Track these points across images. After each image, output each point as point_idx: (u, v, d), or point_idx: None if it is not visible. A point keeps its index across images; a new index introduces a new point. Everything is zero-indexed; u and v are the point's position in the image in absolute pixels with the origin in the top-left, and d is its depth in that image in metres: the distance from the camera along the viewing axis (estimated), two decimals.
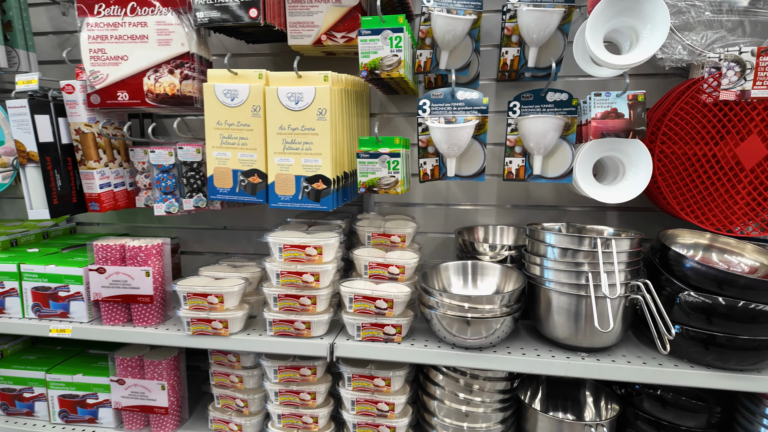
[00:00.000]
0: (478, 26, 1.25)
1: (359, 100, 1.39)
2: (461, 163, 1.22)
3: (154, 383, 1.37)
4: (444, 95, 1.16)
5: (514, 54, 1.27)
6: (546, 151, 1.22)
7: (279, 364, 1.27)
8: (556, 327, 1.12)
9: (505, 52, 1.27)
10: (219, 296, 1.22)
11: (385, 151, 1.15)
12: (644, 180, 1.08)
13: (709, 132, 1.10)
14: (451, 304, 1.09)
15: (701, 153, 1.11)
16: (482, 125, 1.17)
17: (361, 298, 1.17)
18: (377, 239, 1.36)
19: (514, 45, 1.26)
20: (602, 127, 1.08)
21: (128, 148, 1.42)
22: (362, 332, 1.18)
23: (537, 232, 1.14)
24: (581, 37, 1.12)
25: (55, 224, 1.79)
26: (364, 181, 1.19)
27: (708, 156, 1.11)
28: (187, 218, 1.76)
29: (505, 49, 1.26)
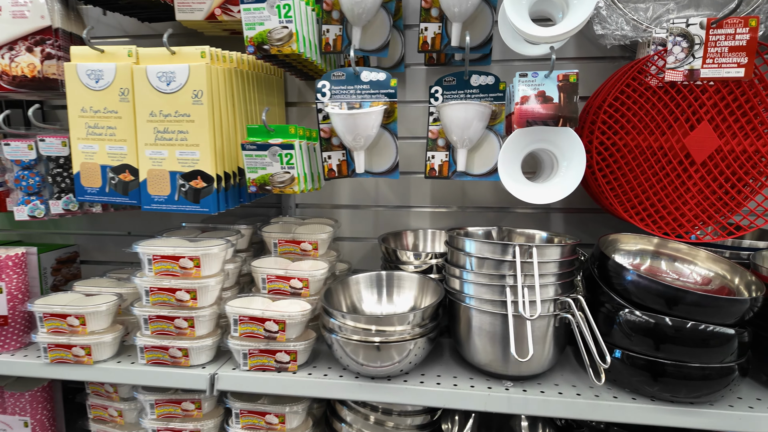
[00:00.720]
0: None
1: (267, 85, 1.19)
2: (371, 158, 1.03)
3: (16, 419, 1.15)
4: (347, 76, 0.97)
5: (435, 31, 1.09)
6: (471, 144, 1.04)
7: (156, 398, 1.07)
8: (478, 351, 0.94)
9: (424, 29, 1.09)
10: (80, 317, 1.02)
11: (276, 142, 0.96)
12: (577, 176, 0.90)
13: (654, 120, 0.94)
14: (355, 327, 0.90)
15: (645, 144, 0.95)
16: (391, 112, 0.98)
17: (247, 319, 0.97)
18: (285, 247, 1.17)
19: (435, 20, 1.08)
20: (527, 113, 0.91)
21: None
22: (250, 360, 0.98)
23: (455, 238, 0.96)
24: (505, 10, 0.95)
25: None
26: (253, 178, 0.99)
27: (653, 148, 0.94)
28: (88, 222, 1.55)
29: (423, 25, 1.09)
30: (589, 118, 1.00)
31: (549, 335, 0.90)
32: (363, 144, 0.99)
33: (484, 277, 0.90)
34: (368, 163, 1.03)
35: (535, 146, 0.95)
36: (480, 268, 0.90)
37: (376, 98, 0.97)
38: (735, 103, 0.90)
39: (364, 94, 0.97)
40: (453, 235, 0.97)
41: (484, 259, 0.89)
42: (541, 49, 1.04)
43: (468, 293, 0.93)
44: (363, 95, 0.97)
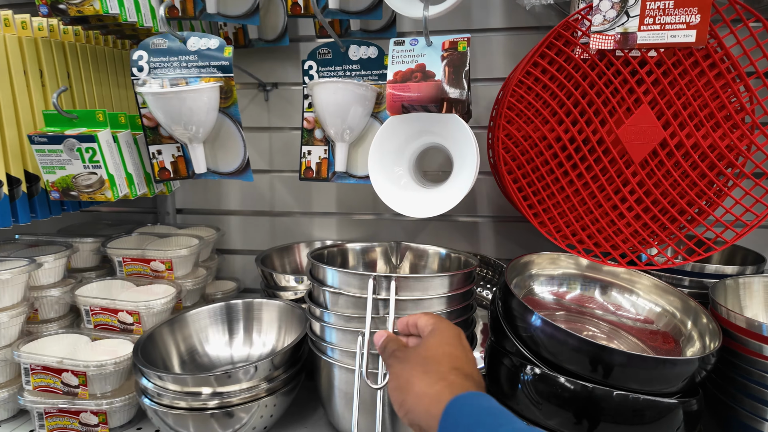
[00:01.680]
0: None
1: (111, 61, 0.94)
2: (215, 153, 0.79)
3: None
4: (170, 45, 0.73)
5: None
6: (352, 137, 0.80)
7: None
8: (340, 418, 0.70)
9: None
10: None
11: (73, 134, 0.71)
12: (466, 181, 0.66)
13: (577, 103, 0.69)
14: (180, 391, 0.66)
15: (568, 137, 0.70)
16: (229, 92, 0.74)
17: (41, 369, 0.73)
18: (132, 266, 0.93)
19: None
20: (401, 95, 0.66)
21: None
22: (47, 422, 0.74)
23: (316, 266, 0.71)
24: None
25: None
26: (52, 181, 0.75)
27: (577, 142, 0.70)
28: None
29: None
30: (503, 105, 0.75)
31: None
32: (194, 135, 0.74)
33: (341, 319, 0.66)
34: (211, 160, 0.79)
35: (421, 140, 0.71)
36: (335, 306, 0.66)
37: (207, 73, 0.72)
38: (685, 79, 0.65)
39: (191, 67, 0.72)
40: (314, 261, 0.72)
41: (339, 295, 0.65)
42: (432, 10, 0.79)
43: (329, 341, 0.68)
44: (190, 68, 0.72)
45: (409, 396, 0.45)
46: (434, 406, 0.42)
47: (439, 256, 0.80)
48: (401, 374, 0.47)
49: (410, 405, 0.44)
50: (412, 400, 0.44)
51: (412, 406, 0.44)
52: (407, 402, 0.44)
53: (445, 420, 0.41)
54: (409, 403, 0.44)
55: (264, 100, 1.09)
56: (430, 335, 0.50)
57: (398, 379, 0.47)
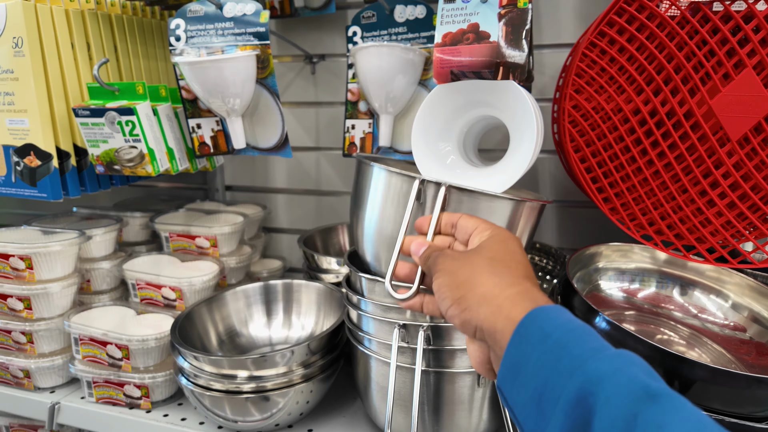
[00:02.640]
0: None
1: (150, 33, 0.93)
2: (254, 127, 0.75)
3: None
4: (206, 12, 0.69)
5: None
6: (398, 107, 0.74)
7: (11, 420, 0.89)
8: (376, 412, 0.66)
9: None
10: None
11: (113, 107, 0.70)
12: (523, 159, 0.57)
13: (661, 69, 0.58)
14: (216, 373, 0.65)
15: (648, 108, 0.59)
16: (266, 61, 0.69)
17: (89, 340, 0.75)
18: (179, 242, 0.93)
19: None
20: (450, 59, 0.59)
21: None
22: (95, 391, 0.76)
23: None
24: None
25: None
26: (97, 155, 0.75)
27: (660, 114, 0.59)
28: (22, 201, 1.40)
29: None
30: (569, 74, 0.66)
31: (476, 399, 0.60)
32: (232, 107, 0.71)
33: (378, 309, 0.61)
34: (250, 134, 0.75)
35: (472, 112, 0.63)
36: (371, 294, 0.61)
37: (243, 41, 0.68)
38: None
39: (227, 35, 0.68)
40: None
41: (375, 282, 0.60)
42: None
43: (366, 330, 0.64)
44: (226, 36, 0.68)
45: (471, 294, 0.38)
46: (510, 309, 0.36)
47: None
48: (459, 270, 0.40)
49: (471, 303, 0.38)
50: (474, 299, 0.38)
51: (472, 305, 0.37)
52: (467, 299, 0.38)
53: (526, 328, 0.34)
54: (469, 300, 0.38)
55: (311, 73, 1.04)
56: (492, 239, 0.43)
57: (454, 275, 0.40)
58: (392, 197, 0.55)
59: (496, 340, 0.36)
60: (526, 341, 0.34)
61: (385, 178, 0.55)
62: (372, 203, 0.57)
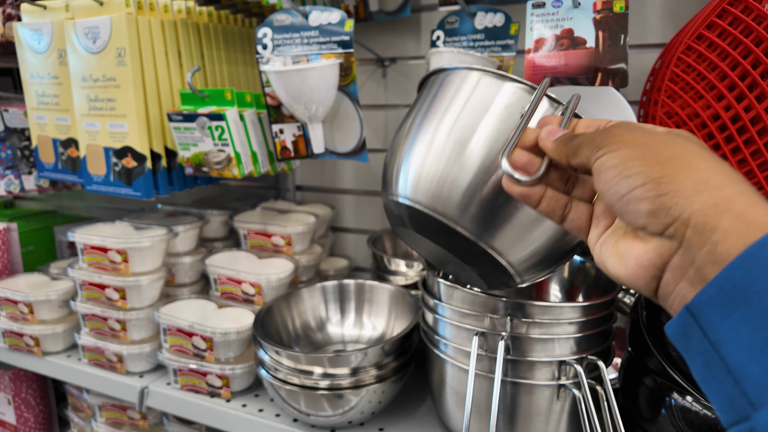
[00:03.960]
0: None
1: (237, 40, 0.98)
2: (333, 132, 0.77)
3: (2, 395, 1.13)
4: (293, 21, 0.71)
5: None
6: None
7: (103, 401, 0.96)
8: (452, 416, 0.66)
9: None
10: (28, 305, 0.93)
11: (204, 112, 0.75)
12: None
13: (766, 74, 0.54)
14: (293, 368, 0.68)
15: (750, 116, 0.56)
16: (348, 69, 0.71)
17: (175, 330, 0.80)
18: (255, 240, 0.98)
19: None
20: (545, 66, 0.58)
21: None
22: (180, 378, 0.81)
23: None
24: None
25: None
26: (187, 157, 0.80)
27: (765, 121, 0.55)
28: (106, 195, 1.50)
29: None
30: (657, 77, 0.63)
31: (554, 412, 0.59)
32: (315, 113, 0.73)
33: (456, 314, 0.61)
34: (329, 139, 0.77)
35: None
36: (449, 300, 0.62)
37: (328, 49, 0.70)
38: None
39: (312, 44, 0.70)
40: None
41: (454, 288, 0.60)
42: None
43: (442, 335, 0.64)
44: (311, 45, 0.71)
45: (683, 175, 0.28)
46: (746, 207, 0.26)
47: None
48: (658, 145, 0.30)
49: (682, 186, 0.28)
50: (689, 181, 0.28)
51: (684, 188, 0.28)
52: (676, 180, 0.28)
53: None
54: (680, 182, 0.28)
55: (381, 76, 1.06)
56: (683, 133, 0.33)
57: (651, 149, 0.30)
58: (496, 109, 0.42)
59: (709, 242, 0.26)
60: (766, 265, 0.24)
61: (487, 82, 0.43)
62: (455, 111, 0.43)
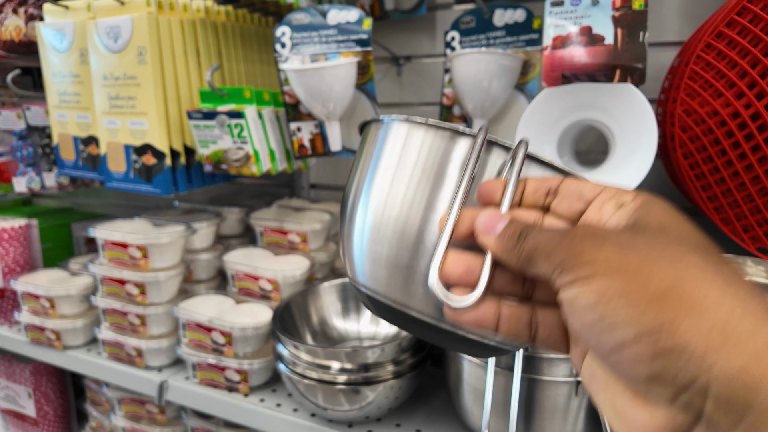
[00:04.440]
0: None
1: (255, 40, 0.99)
2: (350, 130, 0.78)
3: (22, 388, 1.15)
4: (311, 20, 0.72)
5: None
6: (492, 112, 0.74)
7: (123, 395, 0.98)
8: (467, 413, 0.67)
9: None
10: (50, 300, 0.95)
11: (223, 110, 0.76)
12: (641, 166, 0.56)
13: None
14: (312, 362, 0.69)
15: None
16: (366, 67, 0.71)
17: (194, 325, 0.81)
18: (272, 237, 0.99)
19: None
20: (562, 62, 0.58)
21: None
22: (199, 373, 0.82)
23: None
24: None
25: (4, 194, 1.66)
26: (206, 155, 0.81)
27: None
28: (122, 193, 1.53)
29: None
30: (676, 75, 0.63)
31: (572, 409, 0.60)
32: (331, 111, 0.74)
33: None
34: (346, 137, 0.78)
35: (576, 115, 0.62)
36: None
37: (346, 47, 0.70)
38: None
39: (330, 42, 0.71)
40: None
41: None
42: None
43: None
44: (330, 44, 0.71)
45: (687, 321, 0.19)
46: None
47: None
48: (646, 268, 0.21)
49: (687, 340, 0.19)
50: (697, 332, 0.19)
51: (691, 344, 0.19)
52: (680, 330, 0.19)
53: None
54: (684, 333, 0.19)
55: (396, 74, 1.06)
56: (656, 210, 0.25)
57: (636, 276, 0.20)
58: (422, 163, 0.31)
59: (743, 424, 0.18)
60: None
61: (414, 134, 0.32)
62: (384, 176, 0.31)
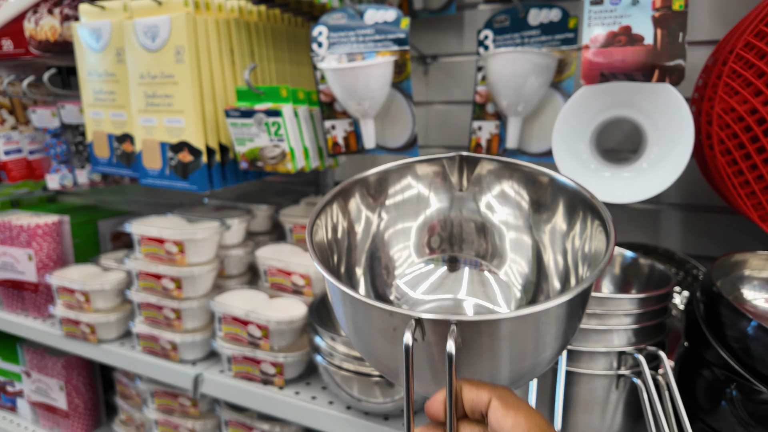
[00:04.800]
0: None
1: (289, 40, 1.00)
2: (384, 128, 0.79)
3: (54, 381, 1.18)
4: (348, 18, 0.74)
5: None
6: (526, 110, 0.75)
7: (155, 388, 1.00)
8: None
9: None
10: (85, 294, 0.97)
11: (261, 109, 0.77)
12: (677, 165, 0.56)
13: None
14: (348, 354, 0.71)
15: None
16: (403, 66, 0.73)
17: (231, 318, 0.83)
18: (301, 233, 1.00)
19: None
20: (601, 61, 0.59)
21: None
22: (234, 366, 0.84)
23: None
24: None
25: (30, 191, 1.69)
26: (242, 152, 0.83)
27: None
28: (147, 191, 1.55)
29: None
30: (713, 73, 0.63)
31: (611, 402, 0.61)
32: (367, 110, 0.75)
33: None
34: (380, 134, 0.79)
35: (611, 113, 0.63)
36: None
37: (383, 46, 0.72)
38: None
39: (368, 42, 0.72)
40: None
41: None
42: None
43: None
44: (366, 43, 0.72)
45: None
46: None
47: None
48: None
49: None
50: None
51: None
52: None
53: None
54: None
55: (423, 73, 1.07)
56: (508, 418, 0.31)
57: None
58: (377, 334, 0.35)
59: None
60: None
61: (359, 308, 0.35)
62: (355, 332, 0.37)
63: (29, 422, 1.28)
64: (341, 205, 0.46)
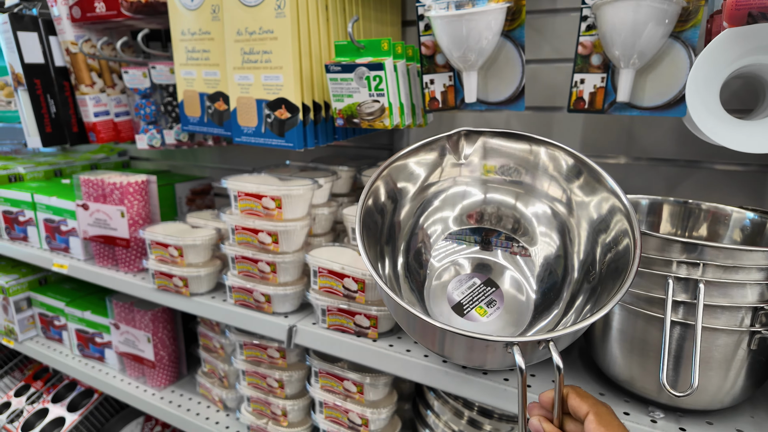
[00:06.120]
0: None
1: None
2: (486, 81, 0.77)
3: (142, 333, 1.24)
4: None
5: None
6: (642, 62, 0.71)
7: (244, 339, 1.03)
8: (615, 360, 0.67)
9: None
10: (178, 249, 1.01)
11: (363, 62, 0.76)
12: None
13: None
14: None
15: None
16: (518, 12, 0.70)
17: (326, 272, 0.84)
18: None
19: None
20: (751, 1, 0.55)
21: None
22: (328, 318, 0.86)
23: None
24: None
25: (106, 157, 1.77)
26: (340, 108, 0.83)
27: None
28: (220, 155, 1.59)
29: None
30: None
31: (736, 360, 0.59)
32: (474, 61, 0.73)
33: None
34: (482, 88, 0.78)
35: (747, 59, 0.59)
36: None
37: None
38: None
39: None
40: None
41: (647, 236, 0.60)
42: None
43: None
44: None
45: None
46: None
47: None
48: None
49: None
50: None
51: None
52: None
53: None
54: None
55: None
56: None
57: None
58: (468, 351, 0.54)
59: None
60: None
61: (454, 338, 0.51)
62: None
63: (116, 371, 1.36)
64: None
